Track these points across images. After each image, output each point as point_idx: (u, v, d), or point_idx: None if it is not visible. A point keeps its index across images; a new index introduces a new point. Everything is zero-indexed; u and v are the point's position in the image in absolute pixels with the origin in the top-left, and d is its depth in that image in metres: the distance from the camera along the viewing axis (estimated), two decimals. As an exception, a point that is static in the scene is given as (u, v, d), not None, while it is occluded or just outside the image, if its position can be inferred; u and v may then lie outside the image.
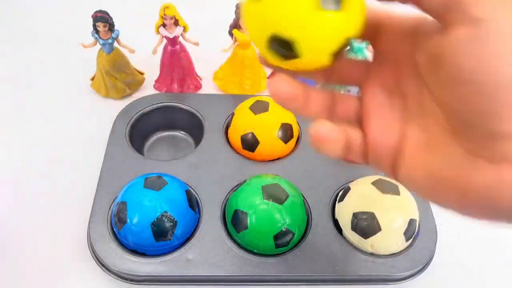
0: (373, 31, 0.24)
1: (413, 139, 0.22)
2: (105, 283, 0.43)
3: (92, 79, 0.63)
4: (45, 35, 0.72)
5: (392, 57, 0.24)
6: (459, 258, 0.48)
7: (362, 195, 0.45)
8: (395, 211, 0.43)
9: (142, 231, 0.42)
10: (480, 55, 0.17)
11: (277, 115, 0.52)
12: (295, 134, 0.53)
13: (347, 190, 0.46)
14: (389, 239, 0.43)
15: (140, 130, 0.56)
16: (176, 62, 0.60)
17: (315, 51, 0.22)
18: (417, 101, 0.22)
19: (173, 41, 0.58)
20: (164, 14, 0.54)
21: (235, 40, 0.59)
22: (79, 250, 0.45)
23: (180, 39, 0.58)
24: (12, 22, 0.75)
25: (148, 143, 0.58)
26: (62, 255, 0.45)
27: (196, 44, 0.59)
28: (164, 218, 0.42)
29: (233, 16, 0.57)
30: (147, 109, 0.57)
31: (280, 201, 0.43)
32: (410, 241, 0.44)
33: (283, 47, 0.22)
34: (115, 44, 0.58)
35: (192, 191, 0.47)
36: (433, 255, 0.45)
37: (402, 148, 0.23)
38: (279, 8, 0.21)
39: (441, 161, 0.20)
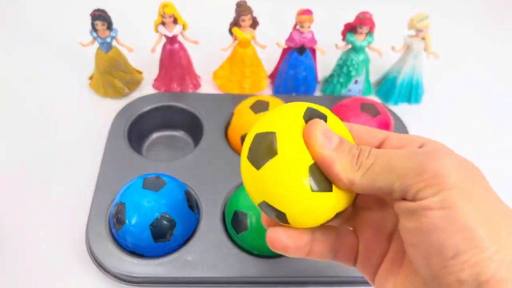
0: None
1: (390, 259, 0.25)
2: (103, 285, 0.43)
3: (90, 78, 0.62)
4: (43, 34, 0.72)
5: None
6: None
7: None
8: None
9: (141, 232, 0.41)
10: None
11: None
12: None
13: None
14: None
15: (138, 129, 0.56)
16: (175, 61, 0.59)
17: (304, 224, 0.24)
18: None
19: (172, 40, 0.57)
20: (163, 13, 0.54)
21: (235, 39, 0.58)
22: (77, 251, 0.44)
23: (179, 37, 0.58)
24: (9, 21, 0.75)
25: (147, 143, 0.57)
26: (59, 256, 0.45)
27: (196, 42, 0.59)
28: (163, 219, 0.41)
29: (233, 14, 0.57)
30: (146, 108, 0.56)
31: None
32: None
33: (274, 213, 0.23)
34: (114, 43, 0.57)
35: (191, 191, 0.47)
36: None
37: (382, 264, 0.25)
38: (273, 183, 0.22)
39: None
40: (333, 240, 0.27)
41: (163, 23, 0.55)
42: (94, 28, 0.55)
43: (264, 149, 0.22)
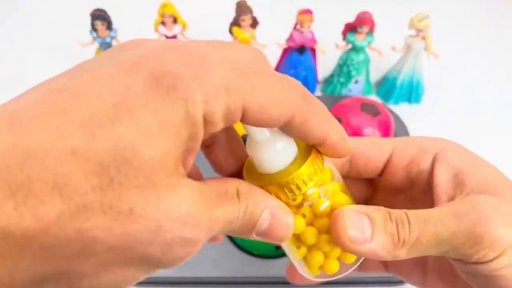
0: None
1: (437, 269, 0.25)
2: (103, 285, 0.42)
3: (90, 78, 0.62)
4: (43, 34, 0.72)
5: None
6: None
7: None
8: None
9: (140, 232, 0.41)
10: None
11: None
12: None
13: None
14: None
15: (138, 129, 0.56)
16: (175, 61, 0.59)
17: None
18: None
19: (172, 40, 0.57)
20: (163, 12, 0.54)
21: (235, 39, 0.58)
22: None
23: (179, 37, 0.58)
24: (9, 21, 0.75)
25: (147, 143, 0.57)
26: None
27: (196, 42, 0.59)
28: (163, 219, 0.41)
29: (233, 14, 0.57)
30: (146, 108, 0.56)
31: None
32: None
33: None
34: (114, 43, 0.57)
35: (191, 191, 0.47)
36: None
37: (428, 273, 0.26)
38: None
39: None
40: None
41: (163, 23, 0.55)
42: (94, 28, 0.55)
43: None
